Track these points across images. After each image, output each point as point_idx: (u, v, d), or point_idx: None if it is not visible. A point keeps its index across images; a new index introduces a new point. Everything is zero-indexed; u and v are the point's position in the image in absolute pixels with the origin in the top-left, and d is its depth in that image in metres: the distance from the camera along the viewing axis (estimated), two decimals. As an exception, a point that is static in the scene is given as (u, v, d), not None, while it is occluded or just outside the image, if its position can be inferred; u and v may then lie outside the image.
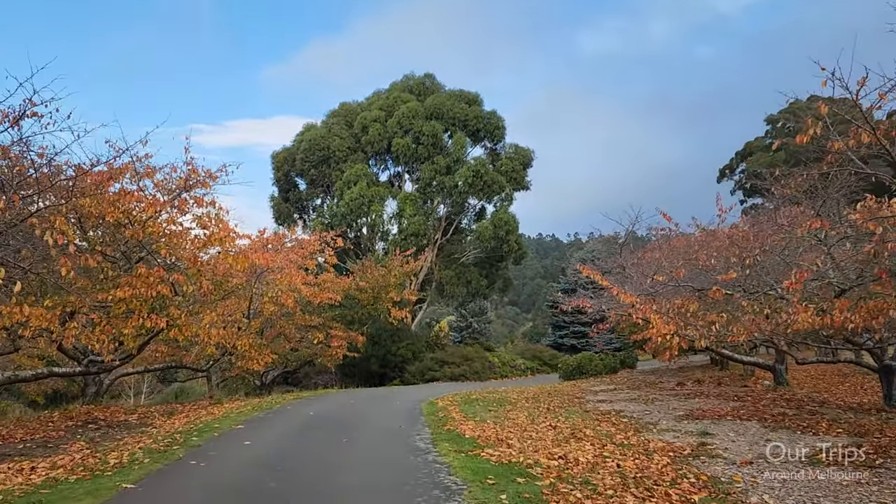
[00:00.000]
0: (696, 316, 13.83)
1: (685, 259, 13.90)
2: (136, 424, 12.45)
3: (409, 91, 40.97)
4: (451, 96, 40.15)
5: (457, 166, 38.19)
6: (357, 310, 28.68)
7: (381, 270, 28.62)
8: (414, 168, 40.67)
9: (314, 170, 39.79)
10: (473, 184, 37.39)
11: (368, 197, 37.02)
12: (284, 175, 42.07)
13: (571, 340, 51.72)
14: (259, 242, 20.59)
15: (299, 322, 23.66)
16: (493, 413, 13.51)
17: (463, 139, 38.59)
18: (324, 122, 41.41)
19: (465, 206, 41.13)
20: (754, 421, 11.58)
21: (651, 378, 25.60)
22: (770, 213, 17.05)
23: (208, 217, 14.35)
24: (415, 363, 32.43)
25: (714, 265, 12.82)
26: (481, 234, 37.96)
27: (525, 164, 40.38)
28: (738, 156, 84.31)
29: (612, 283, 15.22)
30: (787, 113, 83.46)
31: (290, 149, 41.88)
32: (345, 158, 39.00)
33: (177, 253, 13.12)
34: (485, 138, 40.88)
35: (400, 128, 38.34)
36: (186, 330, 12.72)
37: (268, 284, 19.76)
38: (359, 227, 38.80)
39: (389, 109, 39.52)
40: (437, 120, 38.52)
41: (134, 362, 21.72)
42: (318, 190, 41.30)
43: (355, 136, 39.60)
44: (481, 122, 39.91)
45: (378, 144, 38.61)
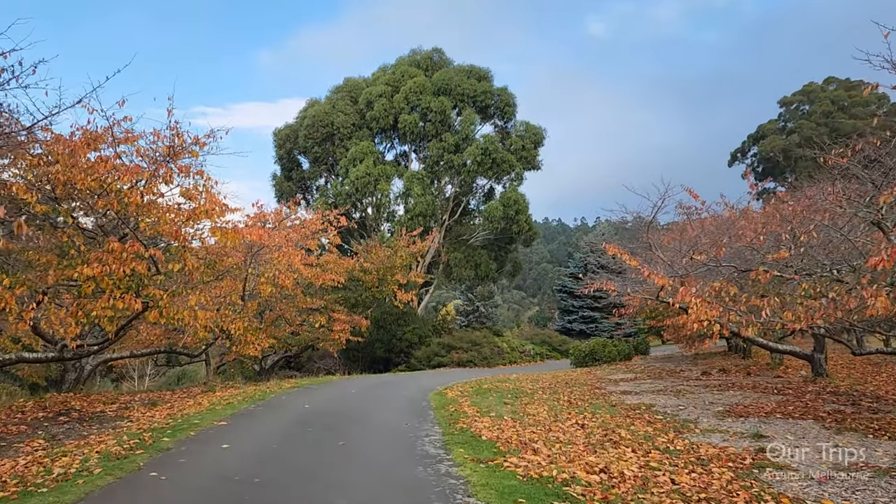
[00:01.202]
0: (737, 300, 12.41)
1: (729, 236, 12.44)
2: (111, 417, 11.14)
3: (417, 66, 39.33)
4: (459, 71, 38.51)
5: (465, 144, 36.66)
6: (361, 292, 27.33)
7: (386, 251, 27.21)
8: (421, 146, 39.17)
9: (318, 147, 38.31)
10: (482, 162, 35.84)
11: (374, 175, 35.53)
12: (287, 153, 40.61)
13: (580, 325, 50.43)
14: (256, 218, 19.20)
15: (300, 305, 22.35)
16: (509, 407, 12.15)
17: (472, 116, 37.00)
18: (328, 97, 39.84)
19: (474, 186, 39.63)
20: (809, 420, 10.19)
21: (670, 366, 24.24)
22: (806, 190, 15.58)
23: (196, 188, 12.99)
24: (421, 348, 31.16)
25: (762, 243, 11.37)
26: (490, 214, 36.45)
27: (536, 143, 38.76)
28: (751, 139, 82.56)
29: (640, 263, 13.79)
30: (801, 95, 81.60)
31: (292, 126, 40.39)
32: (349, 135, 37.49)
33: (158, 227, 11.74)
34: (494, 115, 39.28)
35: (407, 104, 36.75)
36: (167, 312, 11.37)
37: (265, 264, 18.44)
38: (364, 206, 37.38)
39: (396, 85, 37.92)
40: (446, 96, 36.92)
41: (117, 346, 20.49)
42: (322, 168, 39.83)
43: (360, 112, 38.05)
44: (491, 98, 38.29)
45: (384, 121, 37.04)
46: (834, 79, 78.25)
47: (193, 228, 13.43)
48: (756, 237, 11.39)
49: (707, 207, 19.25)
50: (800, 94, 78.34)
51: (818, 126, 72.84)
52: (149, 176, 11.78)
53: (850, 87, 76.46)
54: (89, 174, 10.78)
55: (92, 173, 10.85)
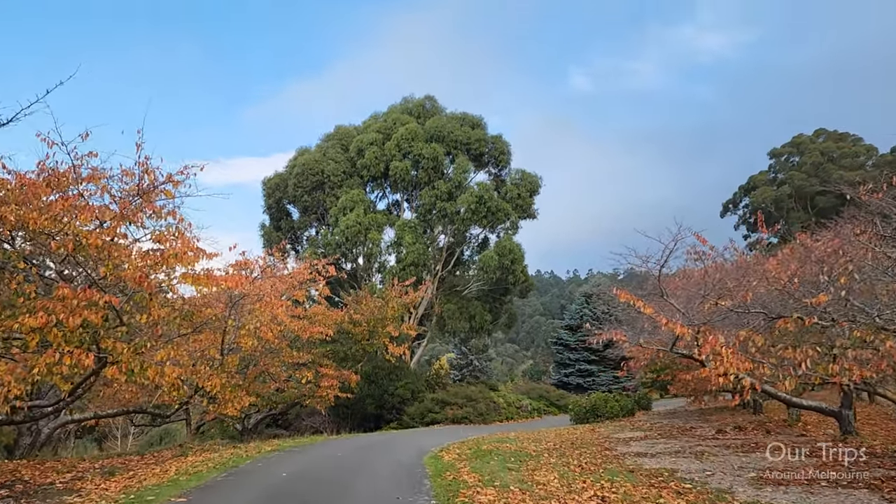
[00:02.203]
0: (766, 351, 11.20)
1: (758, 279, 11.30)
2: (58, 490, 9.69)
3: (409, 113, 38.78)
4: (452, 119, 37.94)
5: (459, 192, 35.79)
6: (351, 346, 25.97)
7: (377, 302, 25.96)
8: (413, 195, 38.33)
9: (307, 196, 37.36)
10: (477, 210, 34.91)
11: (365, 224, 34.50)
12: (276, 202, 39.64)
13: (577, 379, 48.95)
14: (238, 266, 18.00)
15: (286, 359, 20.96)
16: (514, 474, 10.76)
17: (465, 163, 36.23)
18: (318, 146, 39.13)
19: (468, 235, 38.68)
20: (862, 489, 8.87)
21: (679, 423, 22.79)
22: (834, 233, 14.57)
23: (168, 230, 11.84)
24: (414, 404, 29.59)
25: (797, 286, 10.23)
26: (485, 263, 35.33)
27: (532, 192, 37.96)
28: (742, 190, 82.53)
29: (656, 310, 12.62)
30: (791, 146, 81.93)
31: (282, 174, 39.52)
32: (340, 184, 36.60)
33: (121, 272, 10.50)
34: (489, 163, 38.60)
35: (398, 150, 36.01)
36: (128, 368, 10.05)
37: (247, 315, 17.16)
38: (354, 256, 36.22)
39: (387, 132, 37.26)
40: (438, 143, 36.22)
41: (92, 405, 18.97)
42: (312, 218, 38.82)
43: (351, 159, 37.27)
44: (485, 146, 37.65)
45: (375, 168, 36.22)
46: (823, 130, 78.66)
47: (164, 274, 12.24)
48: (790, 280, 10.26)
49: (718, 253, 18.32)
50: (789, 145, 78.67)
51: (809, 177, 72.82)
52: (113, 217, 10.63)
53: (838, 138, 76.85)
54: (44, 213, 9.62)
55: (47, 212, 9.70)
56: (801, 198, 71.47)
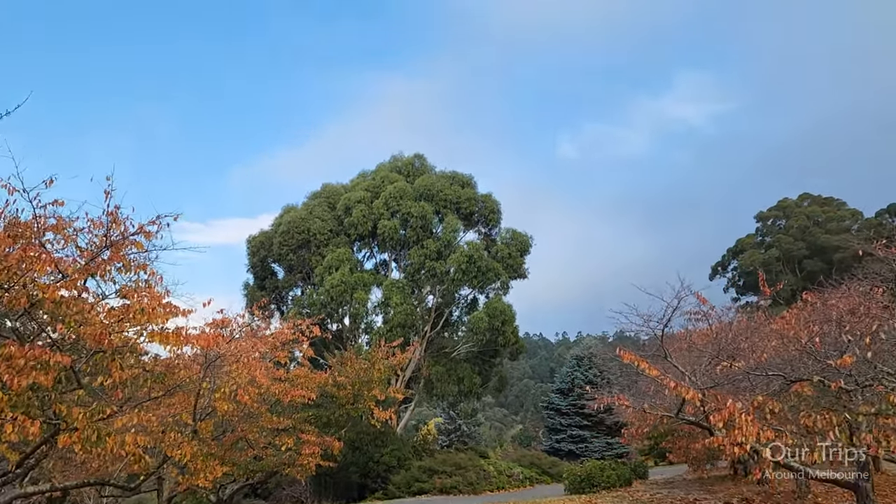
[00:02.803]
0: (783, 418, 10.30)
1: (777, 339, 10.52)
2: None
3: (398, 172, 38.49)
4: (442, 178, 37.68)
5: (448, 251, 35.20)
6: (334, 410, 24.67)
7: (363, 363, 24.82)
8: (401, 255, 37.69)
9: (293, 255, 36.61)
10: (467, 270, 34.24)
11: (351, 283, 33.70)
12: (261, 261, 38.82)
13: (570, 445, 47.53)
14: (216, 324, 16.99)
15: (266, 424, 19.71)
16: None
17: (455, 222, 35.76)
18: (304, 204, 38.62)
19: (457, 296, 37.89)
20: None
21: (680, 494, 21.62)
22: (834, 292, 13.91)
23: (138, 284, 10.95)
24: (400, 472, 28.18)
25: (819, 346, 9.45)
26: (475, 324, 34.42)
27: (522, 251, 37.44)
28: (730, 252, 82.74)
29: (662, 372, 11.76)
30: (777, 210, 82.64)
31: (267, 233, 38.84)
32: (326, 242, 35.94)
33: (81, 329, 9.56)
34: (478, 223, 38.19)
35: (387, 209, 35.54)
36: (82, 436, 9.00)
37: (224, 377, 16.09)
38: (340, 316, 35.26)
39: (376, 190, 36.87)
40: (427, 201, 35.83)
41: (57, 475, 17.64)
42: (297, 277, 37.96)
43: (338, 218, 36.74)
44: (475, 205, 37.33)
45: (362, 227, 35.66)
46: (807, 195, 79.55)
47: (134, 332, 11.29)
48: (810, 339, 9.47)
49: (720, 314, 17.61)
50: (775, 209, 79.37)
51: (796, 241, 73.16)
52: (76, 269, 9.76)
53: (823, 202, 77.65)
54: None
55: (3, 262, 8.82)
56: (789, 261, 71.67)
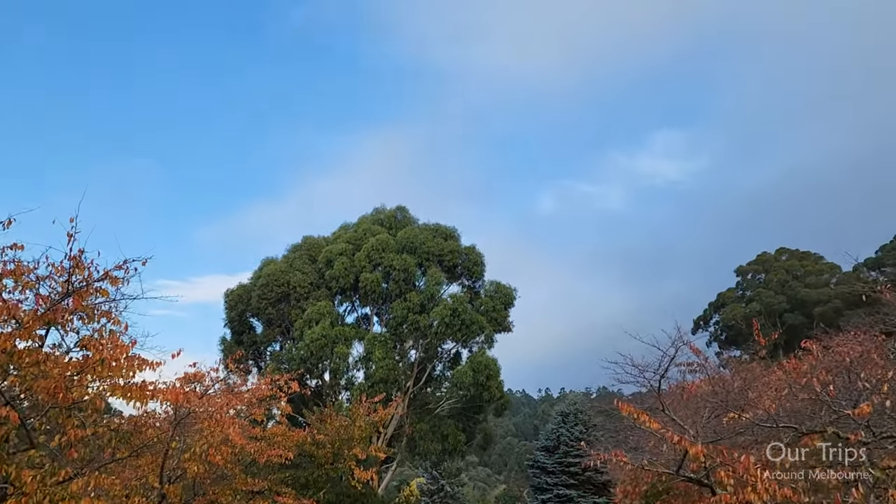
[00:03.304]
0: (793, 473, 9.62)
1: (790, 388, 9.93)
2: None
3: (380, 224, 38.08)
4: (425, 230, 37.31)
5: (432, 304, 34.53)
6: (313, 470, 23.51)
7: (343, 421, 23.82)
8: (384, 308, 36.94)
9: (272, 308, 35.73)
10: (451, 324, 33.51)
11: (332, 338, 32.80)
12: (238, 315, 37.80)
13: (556, 505, 45.97)
14: (187, 379, 16.06)
15: (240, 486, 18.59)
16: None
17: (438, 275, 35.22)
18: (285, 256, 37.94)
19: (440, 350, 37.08)
20: None
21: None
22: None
23: (102, 334, 10.20)
24: (382, 537, 26.77)
25: (833, 393, 8.86)
26: (459, 379, 33.52)
27: (507, 304, 36.86)
28: (712, 307, 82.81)
29: (663, 425, 11.08)
30: (757, 264, 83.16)
31: (246, 286, 37.95)
32: (306, 295, 35.15)
33: (36, 383, 8.74)
34: (462, 275, 37.64)
35: (369, 261, 34.96)
36: (28, 500, 8.09)
37: (196, 435, 15.14)
38: (320, 371, 34.20)
39: (357, 243, 36.35)
40: (410, 254, 35.33)
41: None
42: (276, 331, 36.98)
43: (319, 271, 36.06)
44: (459, 257, 36.85)
45: (344, 280, 34.96)
46: (785, 249, 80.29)
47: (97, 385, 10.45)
48: (824, 388, 8.89)
49: (713, 365, 17.08)
50: (755, 263, 79.91)
51: (776, 295, 73.42)
52: (32, 318, 9.01)
53: (801, 256, 78.33)
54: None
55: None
56: (770, 315, 71.69)
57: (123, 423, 13.25)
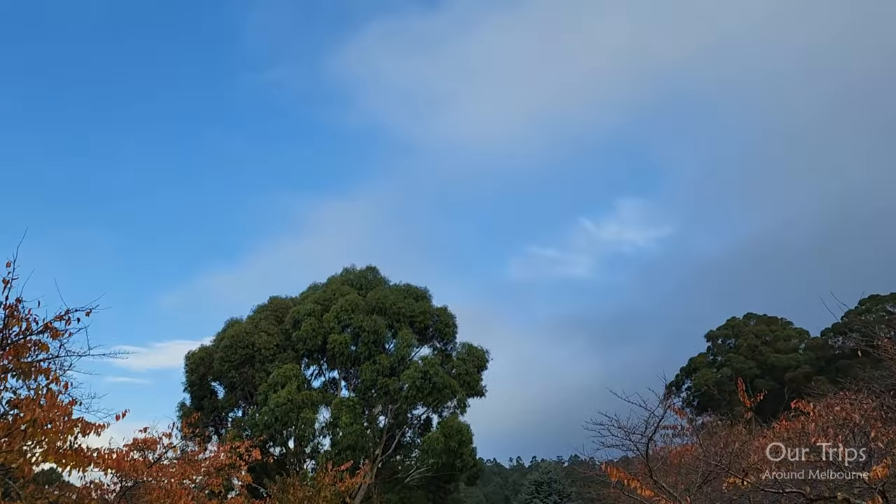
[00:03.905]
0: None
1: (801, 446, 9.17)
2: None
3: (350, 284, 37.16)
4: (395, 290, 36.48)
5: (402, 367, 33.44)
6: (274, 545, 21.93)
7: (307, 490, 22.37)
8: (352, 373, 35.69)
9: (235, 372, 34.22)
10: (422, 387, 32.35)
11: (298, 402, 31.39)
12: (199, 379, 36.17)
13: (530, 581, 43.95)
14: (136, 445, 14.77)
15: (192, 565, 17.02)
16: None
17: (409, 336, 34.23)
18: (250, 317, 36.65)
19: (409, 416, 35.74)
20: None
21: None
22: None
23: (38, 393, 9.15)
24: None
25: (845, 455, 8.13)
26: (430, 445, 32.13)
27: (479, 367, 35.89)
28: (683, 372, 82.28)
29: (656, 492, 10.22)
30: (727, 329, 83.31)
31: (208, 348, 36.47)
32: (272, 358, 33.81)
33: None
34: (433, 337, 36.70)
35: (338, 323, 33.89)
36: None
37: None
38: (284, 438, 32.61)
39: (326, 303, 35.31)
40: (381, 315, 34.39)
41: None
42: (239, 396, 35.39)
43: (286, 332, 34.86)
44: (430, 318, 35.98)
45: (311, 341, 33.79)
46: (753, 315, 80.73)
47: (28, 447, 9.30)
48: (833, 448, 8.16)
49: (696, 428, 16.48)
50: (724, 328, 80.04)
51: (747, 360, 73.33)
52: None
53: (769, 322, 78.76)
54: None
55: None
56: (742, 380, 71.34)
57: (63, 495, 11.99)
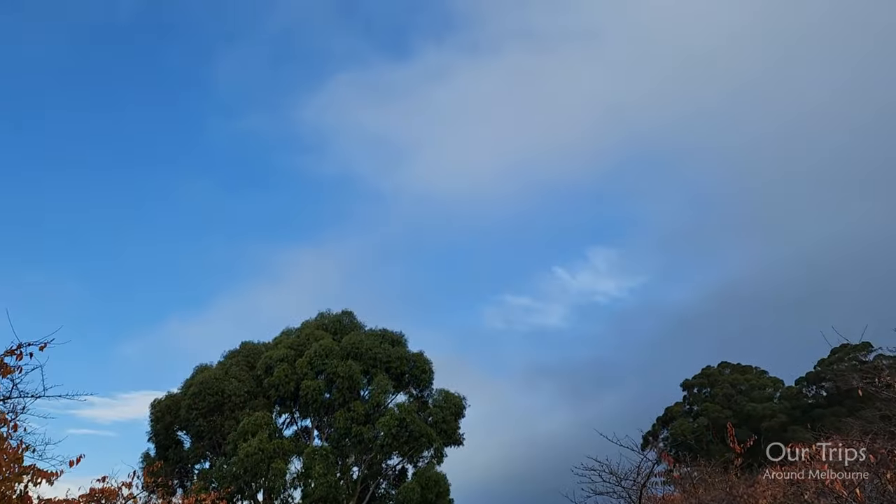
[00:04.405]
0: None
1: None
2: None
3: (325, 329, 36.10)
4: (371, 335, 35.53)
5: (377, 414, 32.32)
6: None
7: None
8: (325, 422, 34.46)
9: (203, 420, 32.74)
10: (398, 435, 31.21)
11: (269, 452, 30.03)
12: (165, 428, 34.58)
13: None
14: (92, 496, 13.66)
15: None
16: None
17: (385, 382, 33.19)
18: (220, 363, 35.28)
19: (384, 466, 34.48)
20: None
21: None
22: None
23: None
24: None
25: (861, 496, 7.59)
26: (406, 497, 30.77)
27: (457, 415, 34.77)
28: (660, 421, 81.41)
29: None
30: (702, 378, 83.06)
31: (175, 396, 34.99)
32: (243, 405, 32.49)
33: None
34: (410, 384, 35.62)
35: (311, 368, 32.81)
36: None
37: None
38: (254, 490, 31.07)
39: (300, 348, 34.23)
40: (356, 360, 33.38)
41: None
42: (206, 446, 33.80)
43: (257, 378, 33.62)
44: (406, 364, 35.00)
45: (284, 388, 32.59)
46: (727, 364, 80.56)
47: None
48: (851, 491, 7.62)
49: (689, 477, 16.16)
50: (700, 376, 79.66)
51: (723, 409, 72.89)
52: None
53: (743, 371, 78.66)
54: None
55: None
56: (719, 430, 70.81)
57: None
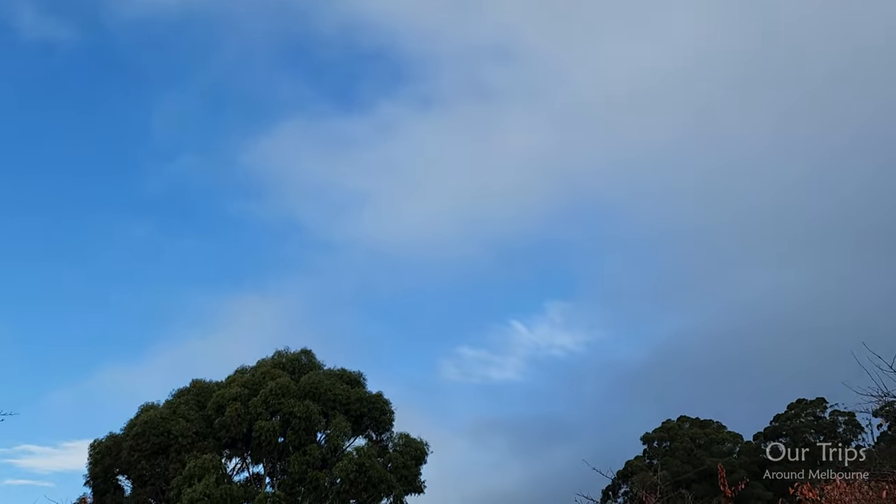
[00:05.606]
0: None
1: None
2: None
3: (282, 367, 34.30)
4: (330, 375, 33.94)
5: (334, 458, 30.63)
6: None
7: None
8: (278, 467, 32.54)
9: (146, 462, 30.51)
10: (356, 481, 29.46)
11: (216, 498, 27.91)
12: (104, 471, 32.15)
13: None
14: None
15: None
16: None
17: (344, 424, 31.56)
18: (168, 402, 33.10)
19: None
20: None
21: None
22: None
23: None
24: None
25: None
26: (364, 548, 29.03)
27: (418, 461, 33.17)
28: (620, 475, 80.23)
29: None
30: (662, 432, 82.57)
31: (116, 437, 32.65)
32: (190, 447, 30.37)
33: None
34: (369, 426, 34.00)
35: (266, 408, 30.96)
36: None
37: None
38: (199, 541, 28.79)
39: (255, 387, 32.37)
40: (314, 400, 31.68)
41: None
42: (149, 491, 31.44)
43: (208, 418, 31.57)
44: (365, 406, 33.42)
45: (236, 429, 30.61)
46: (686, 418, 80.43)
47: None
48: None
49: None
50: (660, 430, 79.20)
51: (683, 464, 72.34)
52: None
53: (702, 425, 78.55)
54: None
55: None
56: (679, 485, 70.04)
57: None
